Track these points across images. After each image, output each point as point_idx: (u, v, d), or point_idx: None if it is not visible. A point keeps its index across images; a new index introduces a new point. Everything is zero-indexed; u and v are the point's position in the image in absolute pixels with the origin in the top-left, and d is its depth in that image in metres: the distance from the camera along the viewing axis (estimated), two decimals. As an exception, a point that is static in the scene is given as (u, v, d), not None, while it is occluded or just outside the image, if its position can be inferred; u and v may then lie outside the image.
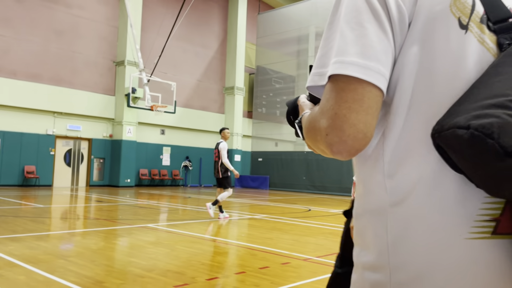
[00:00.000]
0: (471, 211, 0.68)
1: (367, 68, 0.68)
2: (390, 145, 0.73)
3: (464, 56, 0.71)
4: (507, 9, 0.74)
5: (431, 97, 0.71)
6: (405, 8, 0.71)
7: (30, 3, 16.76)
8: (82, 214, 9.69)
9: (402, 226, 0.71)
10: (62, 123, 17.79)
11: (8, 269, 4.23)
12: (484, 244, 0.67)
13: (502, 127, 0.58)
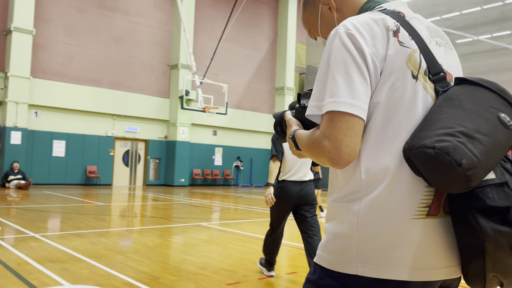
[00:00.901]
0: (415, 201, 1.00)
1: (355, 106, 0.99)
2: (365, 155, 1.03)
3: (415, 98, 1.03)
4: (440, 65, 1.08)
5: (393, 124, 1.02)
6: (378, 63, 1.02)
7: (91, 12, 17.73)
8: (139, 212, 10.10)
9: (370, 209, 1.01)
10: (121, 125, 18.65)
11: (72, 263, 4.50)
12: (422, 222, 1.00)
13: (454, 148, 0.89)
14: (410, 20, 1.11)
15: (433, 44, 1.11)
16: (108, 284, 3.79)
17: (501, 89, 1.02)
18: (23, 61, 15.58)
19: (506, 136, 0.96)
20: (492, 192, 0.94)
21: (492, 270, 0.96)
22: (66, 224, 7.39)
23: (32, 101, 16.01)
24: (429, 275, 1.01)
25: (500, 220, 0.92)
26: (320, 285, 1.07)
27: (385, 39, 1.04)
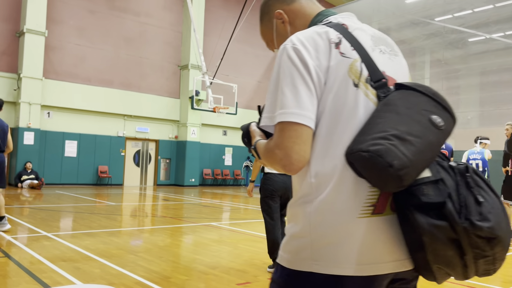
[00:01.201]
0: (360, 200, 1.06)
1: (302, 115, 1.06)
2: (313, 160, 1.10)
3: (356, 105, 1.09)
4: (381, 72, 1.14)
5: (337, 131, 1.08)
6: (321, 74, 1.09)
7: (102, 13, 17.88)
8: (150, 212, 10.16)
9: (319, 210, 1.08)
10: (132, 125, 18.78)
11: (84, 262, 4.54)
12: (367, 220, 1.06)
13: (386, 151, 0.96)
14: (354, 31, 1.18)
15: (376, 52, 1.17)
16: (119, 283, 3.81)
17: (434, 93, 1.10)
18: (36, 62, 15.78)
19: (437, 136, 1.05)
20: (428, 189, 1.01)
21: (435, 262, 1.04)
22: (78, 223, 7.47)
23: (44, 101, 16.20)
24: (376, 269, 1.07)
25: (437, 215, 0.99)
26: (281, 283, 1.14)
27: (327, 51, 1.11)
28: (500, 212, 1.01)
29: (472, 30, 19.20)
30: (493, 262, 1.03)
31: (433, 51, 22.04)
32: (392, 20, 22.55)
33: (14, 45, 16.06)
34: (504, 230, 1.00)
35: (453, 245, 1.00)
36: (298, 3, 1.34)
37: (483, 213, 0.98)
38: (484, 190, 1.03)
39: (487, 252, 1.00)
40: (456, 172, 1.05)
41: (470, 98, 20.64)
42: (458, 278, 1.08)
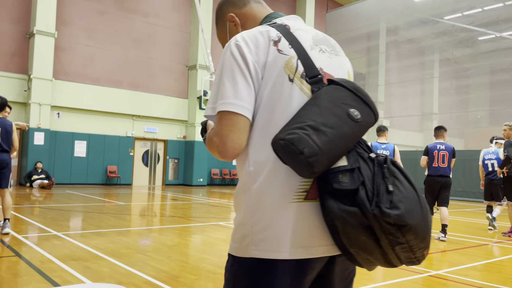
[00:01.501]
0: (293, 186, 1.14)
1: (239, 105, 1.14)
2: (251, 149, 1.18)
3: (291, 98, 1.17)
4: (317, 69, 1.22)
5: (272, 121, 1.16)
6: (259, 69, 1.17)
7: (111, 14, 18.00)
8: (159, 212, 10.22)
9: (256, 197, 1.16)
10: (140, 125, 18.88)
11: (94, 262, 4.58)
12: (300, 205, 1.14)
13: (299, 139, 1.04)
14: (295, 31, 1.27)
15: (315, 51, 1.26)
16: (128, 282, 3.84)
17: (355, 88, 1.18)
18: (46, 63, 15.94)
19: (353, 128, 1.11)
20: (344, 177, 1.08)
21: (350, 246, 1.11)
22: (88, 223, 7.53)
23: (54, 102, 16.36)
24: (309, 253, 1.15)
25: (350, 201, 1.06)
26: (231, 271, 1.21)
27: (266, 48, 1.19)
28: (413, 202, 1.06)
29: (482, 29, 19.01)
30: (410, 250, 1.08)
31: (442, 50, 21.85)
32: (400, 19, 22.39)
33: (24, 47, 16.24)
34: (416, 219, 1.04)
35: (366, 231, 1.06)
36: (248, 7, 1.45)
37: (393, 201, 1.03)
38: (399, 181, 1.08)
39: (400, 239, 1.05)
40: (375, 163, 1.10)
41: (480, 97, 20.44)
42: (383, 265, 1.14)
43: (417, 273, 4.55)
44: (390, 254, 1.08)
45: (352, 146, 1.12)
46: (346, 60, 1.37)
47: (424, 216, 1.07)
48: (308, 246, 1.15)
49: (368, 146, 1.17)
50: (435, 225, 8.26)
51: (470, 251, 6.08)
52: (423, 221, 1.06)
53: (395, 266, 1.14)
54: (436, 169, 6.90)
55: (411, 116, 24.17)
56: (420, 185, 17.66)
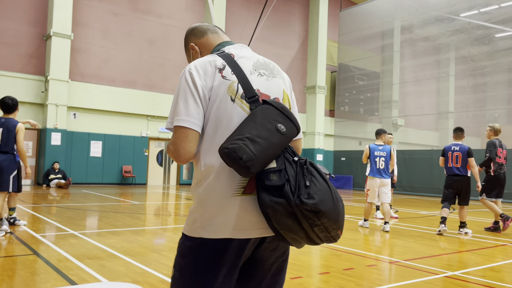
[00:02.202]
0: (234, 184, 1.46)
1: (189, 121, 1.47)
2: (202, 155, 1.51)
3: (232, 115, 1.49)
4: (254, 91, 1.54)
5: (218, 133, 1.48)
6: (206, 92, 1.50)
7: (125, 16, 18.19)
8: (173, 211, 10.29)
9: (205, 191, 1.49)
10: (155, 125, 19.04)
11: (110, 260, 4.64)
12: (239, 198, 1.46)
13: (239, 148, 1.34)
14: (238, 59, 1.59)
15: (254, 75, 1.58)
16: (143, 281, 3.88)
17: (282, 107, 1.52)
18: (62, 64, 16.18)
19: (280, 138, 1.45)
20: (274, 176, 1.40)
21: (280, 228, 1.42)
22: (103, 222, 7.63)
23: (70, 103, 16.60)
24: (246, 234, 1.48)
25: (278, 194, 1.38)
26: (182, 246, 1.55)
27: (213, 75, 1.52)
28: (325, 193, 1.39)
29: (499, 26, 18.66)
30: (326, 230, 1.41)
31: (458, 48, 21.52)
32: (415, 17, 22.13)
33: (41, 48, 16.52)
34: (328, 206, 1.38)
35: (291, 216, 1.38)
36: (205, 37, 1.81)
37: (310, 193, 1.37)
38: (315, 178, 1.41)
39: (316, 222, 1.38)
40: (297, 164, 1.43)
41: (498, 95, 20.08)
42: (307, 243, 1.46)
43: (434, 274, 4.50)
44: (311, 233, 1.41)
45: (280, 152, 1.45)
46: (282, 80, 1.68)
47: (335, 204, 1.41)
48: (246, 229, 1.48)
49: (294, 151, 1.50)
50: (452, 224, 8.15)
51: (487, 251, 5.99)
52: (334, 208, 1.40)
53: (317, 244, 1.47)
54: (450, 169, 7.49)
55: (426, 115, 23.88)
56: (435, 183, 17.35)
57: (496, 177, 7.79)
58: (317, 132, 23.22)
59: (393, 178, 9.72)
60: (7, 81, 15.48)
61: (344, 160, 23.12)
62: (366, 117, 24.51)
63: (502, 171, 7.84)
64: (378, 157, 7.73)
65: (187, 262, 1.52)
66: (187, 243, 1.53)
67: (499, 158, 7.77)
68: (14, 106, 6.14)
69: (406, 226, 8.36)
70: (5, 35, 15.75)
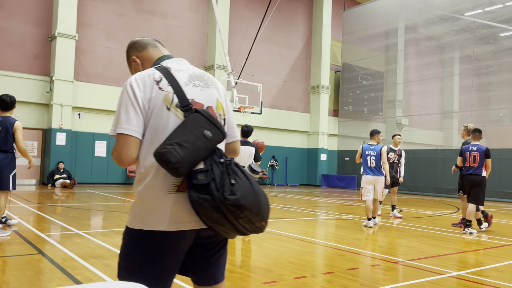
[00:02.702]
0: (169, 183, 1.66)
1: (130, 129, 1.66)
2: (141, 158, 1.71)
3: (168, 122, 1.69)
4: (188, 100, 1.73)
5: (155, 139, 1.68)
6: (145, 102, 1.69)
7: (130, 16, 18.25)
8: (177, 211, 10.30)
9: (144, 189, 1.69)
10: (159, 125, 19.07)
11: (114, 260, 4.66)
12: (173, 195, 1.67)
13: (168, 152, 1.54)
14: (175, 72, 1.79)
15: (189, 87, 1.78)
16: (148, 280, 3.90)
17: (209, 115, 1.70)
18: (67, 65, 16.26)
19: (206, 143, 1.65)
20: (201, 175, 1.61)
21: (208, 221, 1.63)
22: (108, 221, 7.66)
23: (75, 103, 16.68)
24: (179, 227, 1.68)
25: (205, 191, 1.58)
26: (126, 237, 1.76)
27: (151, 87, 1.72)
28: (247, 190, 1.60)
29: (504, 25, 18.57)
30: (250, 221, 1.62)
31: (462, 47, 21.43)
32: (419, 16, 22.07)
33: (46, 49, 16.60)
34: (249, 201, 1.58)
35: (217, 210, 1.58)
36: (146, 51, 2.00)
37: (233, 190, 1.56)
38: (238, 176, 1.61)
39: (240, 214, 1.58)
40: (223, 165, 1.64)
41: (502, 94, 19.97)
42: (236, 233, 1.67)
43: (438, 274, 4.49)
44: (238, 225, 1.62)
45: (207, 154, 1.65)
46: (216, 90, 1.89)
47: (256, 199, 1.62)
48: (179, 222, 1.68)
49: (222, 153, 1.70)
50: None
51: (492, 251, 5.97)
52: (255, 202, 1.61)
53: (245, 234, 1.68)
54: (467, 168, 7.64)
55: (430, 115, 23.80)
56: (439, 183, 17.25)
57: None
58: (321, 131, 23.21)
59: (399, 179, 9.80)
60: (13, 81, 15.57)
61: (348, 160, 23.09)
62: (370, 117, 24.46)
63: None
64: (368, 156, 8.06)
65: (130, 251, 1.73)
66: (129, 234, 1.73)
67: None
68: (12, 103, 6.04)
69: (410, 226, 8.35)
70: (11, 36, 15.85)
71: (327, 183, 22.83)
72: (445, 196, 17.20)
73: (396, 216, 9.57)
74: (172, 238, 1.68)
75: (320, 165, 23.22)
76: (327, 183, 22.85)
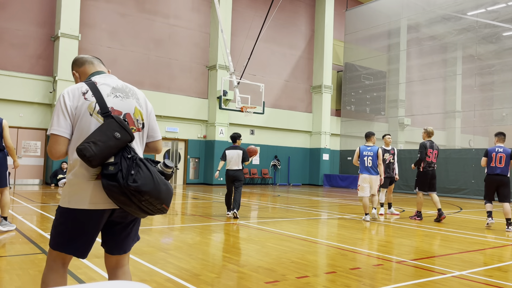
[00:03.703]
0: (91, 173, 2.17)
1: (59, 130, 2.18)
2: (70, 153, 2.21)
3: (90, 125, 2.19)
4: (108, 108, 2.23)
5: (80, 138, 2.17)
6: (73, 110, 2.20)
7: (132, 16, 18.29)
8: (180, 210, 10.34)
9: (72, 177, 2.20)
10: (162, 125, 19.13)
11: (118, 259, 4.68)
12: (93, 182, 2.18)
13: (84, 148, 2.06)
14: (100, 86, 2.28)
15: (110, 97, 2.27)
16: (150, 280, 3.92)
17: (120, 121, 2.18)
18: (70, 65, 16.27)
19: (116, 142, 2.11)
20: (112, 167, 2.08)
21: (118, 203, 2.12)
22: (111, 221, 7.67)
23: (78, 103, 16.70)
24: (97, 206, 2.18)
25: (113, 180, 2.06)
26: (57, 214, 2.26)
27: (78, 97, 2.21)
28: (147, 179, 2.08)
29: (507, 24, 18.51)
30: (151, 204, 2.12)
31: (465, 47, 21.39)
32: (422, 16, 22.03)
33: (49, 49, 16.65)
34: (149, 188, 2.07)
35: (123, 194, 2.06)
36: (83, 67, 2.49)
37: (135, 179, 2.05)
38: (141, 168, 2.09)
39: (141, 198, 2.07)
40: (131, 159, 2.12)
41: (505, 94, 19.92)
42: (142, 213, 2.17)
43: (441, 274, 4.49)
44: (142, 206, 2.11)
45: (117, 151, 2.13)
46: (135, 100, 2.38)
47: (155, 186, 2.10)
48: (97, 203, 2.17)
49: (132, 150, 2.18)
50: (458, 224, 8.10)
51: (495, 251, 5.96)
52: (154, 188, 2.09)
53: (150, 214, 2.19)
54: (492, 168, 8.03)
55: (433, 114, 23.75)
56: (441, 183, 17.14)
57: (425, 173, 8.99)
58: (323, 131, 23.20)
59: (395, 177, 10.20)
60: (16, 81, 15.63)
61: (350, 160, 23.07)
62: (373, 117, 24.44)
63: (431, 168, 9.03)
64: (366, 156, 8.70)
65: (59, 223, 2.24)
66: (59, 210, 2.25)
67: (429, 157, 8.99)
68: None
69: (413, 225, 8.34)
70: (14, 36, 15.90)
71: (330, 183, 22.82)
72: (448, 195, 17.16)
73: (393, 213, 10.02)
74: (91, 215, 2.18)
75: (322, 165, 23.22)
76: (329, 183, 22.84)
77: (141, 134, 2.37)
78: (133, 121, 2.31)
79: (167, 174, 2.24)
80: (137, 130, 2.33)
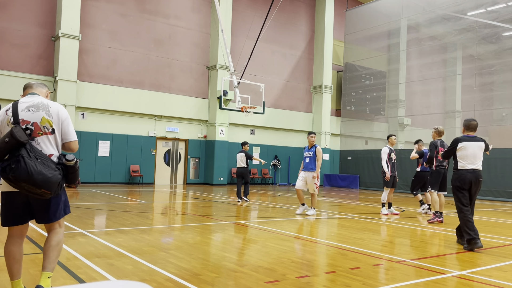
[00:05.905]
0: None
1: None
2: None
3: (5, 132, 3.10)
4: (19, 119, 3.06)
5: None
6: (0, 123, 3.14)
7: (133, 17, 18.30)
8: (180, 210, 10.35)
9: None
10: (162, 125, 19.14)
11: (117, 259, 4.70)
12: None
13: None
14: (19, 104, 3.07)
15: (24, 111, 3.05)
16: (151, 279, 3.93)
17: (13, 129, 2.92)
18: (70, 65, 16.32)
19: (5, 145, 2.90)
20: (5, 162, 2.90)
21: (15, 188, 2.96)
22: (111, 221, 7.70)
23: (79, 103, 16.74)
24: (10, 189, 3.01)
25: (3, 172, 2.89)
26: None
27: (3, 114, 3.09)
28: (22, 171, 2.83)
29: (506, 24, 18.51)
30: (30, 190, 2.90)
31: (465, 47, 21.40)
32: (422, 16, 22.04)
33: (50, 49, 16.67)
34: (23, 178, 2.83)
35: (11, 182, 2.87)
36: (26, 90, 3.31)
37: (14, 171, 2.83)
38: (20, 164, 2.84)
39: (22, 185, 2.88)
40: (19, 156, 2.87)
41: (505, 94, 19.93)
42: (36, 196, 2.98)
43: (441, 274, 4.50)
44: (28, 190, 2.89)
45: (8, 152, 2.88)
46: (44, 112, 3.10)
47: (29, 177, 2.84)
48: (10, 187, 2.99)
49: (27, 150, 2.91)
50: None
51: (495, 251, 5.97)
52: (28, 178, 2.83)
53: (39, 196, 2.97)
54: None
55: (433, 114, 23.76)
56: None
57: (437, 172, 8.91)
58: (323, 131, 23.21)
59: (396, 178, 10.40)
60: (16, 81, 15.64)
61: (350, 160, 23.08)
62: (373, 117, 24.45)
63: (443, 167, 8.98)
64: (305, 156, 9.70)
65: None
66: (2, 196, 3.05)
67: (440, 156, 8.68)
68: None
69: (412, 225, 8.35)
70: (14, 36, 15.92)
71: (330, 183, 22.83)
72: (449, 195, 17.16)
73: (393, 213, 10.10)
74: (12, 196, 3.03)
75: (322, 165, 23.23)
76: (329, 183, 22.84)
77: (50, 136, 3.10)
78: (40, 127, 3.06)
79: (69, 165, 3.05)
80: (44, 134, 3.07)
